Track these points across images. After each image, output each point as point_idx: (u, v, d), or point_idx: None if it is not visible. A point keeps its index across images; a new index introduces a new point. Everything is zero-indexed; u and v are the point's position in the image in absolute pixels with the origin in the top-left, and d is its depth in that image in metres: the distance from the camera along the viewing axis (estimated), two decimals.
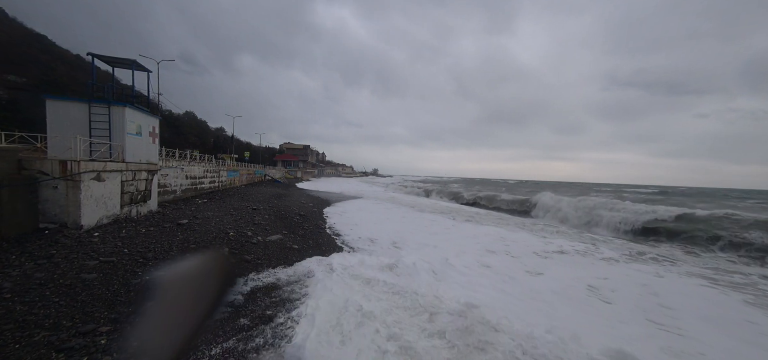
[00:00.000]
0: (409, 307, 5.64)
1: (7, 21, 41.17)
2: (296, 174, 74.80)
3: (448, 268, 8.13)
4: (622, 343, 4.65)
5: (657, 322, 5.86)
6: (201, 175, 23.69)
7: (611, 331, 5.37)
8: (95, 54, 12.08)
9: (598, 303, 6.74)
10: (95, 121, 11.42)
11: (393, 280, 6.86)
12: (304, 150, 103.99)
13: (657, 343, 5.04)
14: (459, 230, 14.78)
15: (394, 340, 4.49)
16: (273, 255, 8.85)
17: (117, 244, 8.41)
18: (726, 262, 11.17)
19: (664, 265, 9.99)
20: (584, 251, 11.11)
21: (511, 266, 9.12)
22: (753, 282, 8.54)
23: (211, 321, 2.19)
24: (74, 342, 4.23)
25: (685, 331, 5.52)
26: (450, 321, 5.11)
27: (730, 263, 10.95)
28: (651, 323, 5.82)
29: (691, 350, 4.88)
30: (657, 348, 4.89)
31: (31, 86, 30.15)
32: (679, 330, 5.57)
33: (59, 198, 9.36)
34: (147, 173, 13.36)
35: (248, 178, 41.06)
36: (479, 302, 5.72)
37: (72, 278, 6.13)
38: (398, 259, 8.33)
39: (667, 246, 13.77)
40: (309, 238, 11.71)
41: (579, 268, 9.23)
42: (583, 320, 5.70)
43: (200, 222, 12.17)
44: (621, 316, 6.06)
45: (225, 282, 1.36)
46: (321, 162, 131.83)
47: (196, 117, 70.73)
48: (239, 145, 66.30)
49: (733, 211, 17.01)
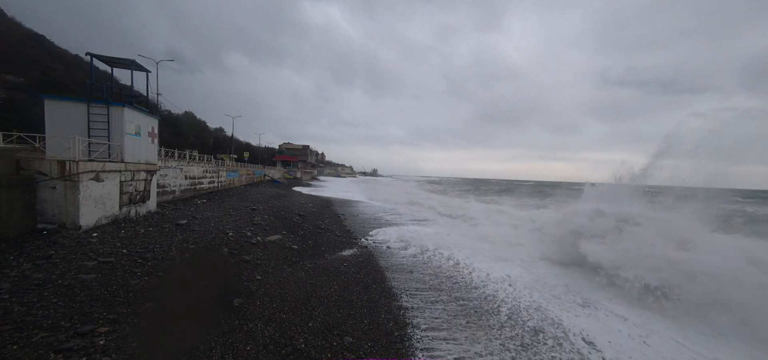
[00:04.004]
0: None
1: (5, 21, 41.07)
2: (296, 174, 74.67)
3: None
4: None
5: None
6: (200, 176, 23.64)
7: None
8: (94, 54, 12.04)
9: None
10: (94, 121, 11.38)
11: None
12: (303, 150, 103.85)
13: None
14: None
15: None
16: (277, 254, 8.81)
17: (116, 245, 8.39)
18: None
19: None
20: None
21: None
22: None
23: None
24: (73, 343, 4.22)
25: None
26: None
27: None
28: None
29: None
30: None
31: (30, 86, 30.07)
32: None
33: (58, 198, 9.33)
34: (146, 173, 13.33)
35: (248, 178, 41.00)
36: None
37: (70, 279, 6.11)
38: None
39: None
40: (308, 238, 11.70)
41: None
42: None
43: (199, 222, 12.15)
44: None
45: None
46: (320, 162, 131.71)
47: (195, 117, 70.67)
48: (239, 146, 66.22)
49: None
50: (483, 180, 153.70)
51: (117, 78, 15.93)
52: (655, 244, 8.06)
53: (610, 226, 9.66)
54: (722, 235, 9.15)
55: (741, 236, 9.35)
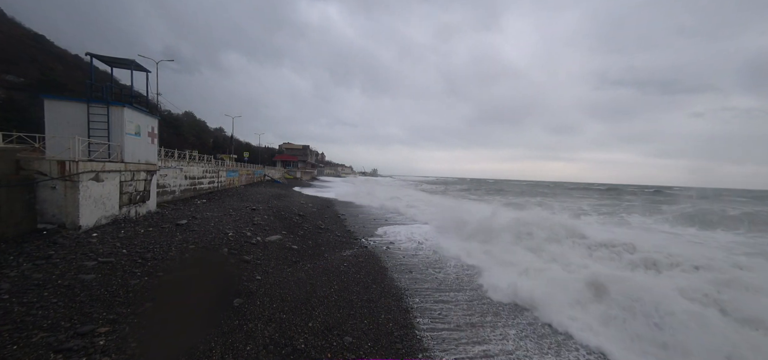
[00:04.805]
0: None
1: (5, 21, 41.05)
2: (296, 174, 74.60)
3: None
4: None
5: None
6: (200, 176, 23.63)
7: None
8: (94, 54, 12.03)
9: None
10: (94, 121, 11.37)
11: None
12: (303, 150, 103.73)
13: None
14: None
15: None
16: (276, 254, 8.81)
17: (115, 245, 8.38)
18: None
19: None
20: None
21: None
22: None
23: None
24: (72, 343, 4.22)
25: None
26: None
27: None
28: None
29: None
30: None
31: (30, 86, 30.05)
32: None
33: (57, 198, 9.32)
34: (146, 173, 13.32)
35: (247, 178, 40.98)
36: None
37: (70, 279, 6.11)
38: None
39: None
40: (308, 238, 11.70)
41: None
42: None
43: (199, 222, 12.14)
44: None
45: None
46: (320, 162, 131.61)
47: (195, 117, 70.58)
48: (238, 146, 66.16)
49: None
50: (483, 180, 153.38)
51: (117, 78, 15.93)
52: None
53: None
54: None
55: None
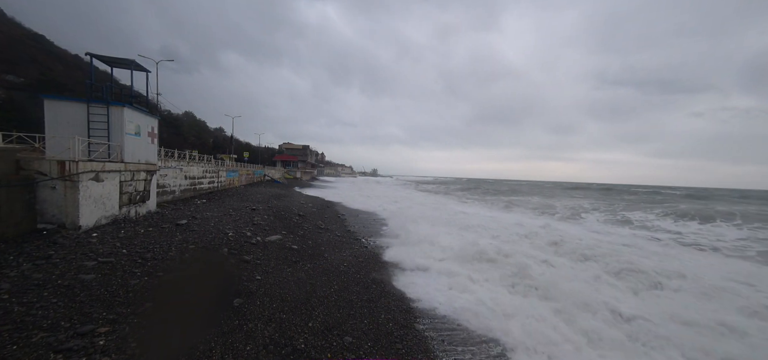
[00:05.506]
0: None
1: (5, 21, 41.05)
2: (296, 174, 74.59)
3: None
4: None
5: None
6: (200, 176, 23.63)
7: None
8: (93, 54, 12.02)
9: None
10: (94, 121, 11.37)
11: None
12: (303, 150, 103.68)
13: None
14: None
15: None
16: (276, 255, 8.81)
17: (115, 245, 8.38)
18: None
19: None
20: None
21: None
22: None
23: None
24: (72, 343, 4.21)
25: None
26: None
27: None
28: None
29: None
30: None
31: (30, 86, 30.05)
32: None
33: (57, 198, 9.32)
34: (146, 173, 13.32)
35: (247, 178, 40.98)
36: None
37: (70, 279, 6.11)
38: None
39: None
40: (308, 238, 11.70)
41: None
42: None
43: (199, 222, 12.15)
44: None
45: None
46: (320, 162, 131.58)
47: (195, 117, 70.58)
48: (238, 146, 66.15)
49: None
50: (482, 180, 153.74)
51: (117, 78, 15.92)
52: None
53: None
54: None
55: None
